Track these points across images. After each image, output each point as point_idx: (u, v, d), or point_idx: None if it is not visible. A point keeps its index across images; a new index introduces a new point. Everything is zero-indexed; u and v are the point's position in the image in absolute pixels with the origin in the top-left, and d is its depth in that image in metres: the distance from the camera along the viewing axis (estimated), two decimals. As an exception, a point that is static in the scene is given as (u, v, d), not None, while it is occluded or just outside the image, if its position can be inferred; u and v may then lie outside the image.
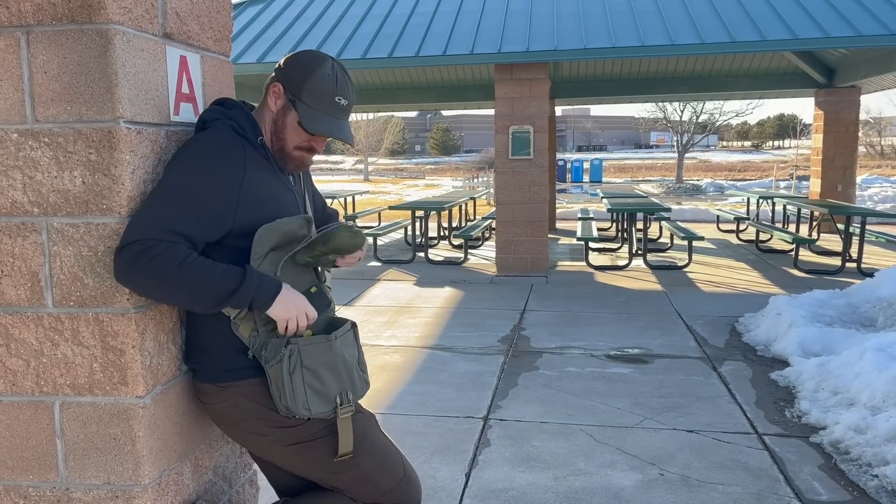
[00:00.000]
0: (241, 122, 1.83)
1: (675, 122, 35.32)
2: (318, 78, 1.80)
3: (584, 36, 8.74)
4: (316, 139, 1.87)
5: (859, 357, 4.41)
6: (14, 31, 1.67)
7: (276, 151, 1.87)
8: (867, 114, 52.47)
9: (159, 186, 1.71)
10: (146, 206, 1.68)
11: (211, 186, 1.71)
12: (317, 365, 1.78)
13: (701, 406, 4.31)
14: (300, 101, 1.81)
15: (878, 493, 3.19)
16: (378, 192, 27.71)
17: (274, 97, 1.85)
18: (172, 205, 1.67)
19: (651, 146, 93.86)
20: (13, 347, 1.77)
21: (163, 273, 1.62)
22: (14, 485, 1.82)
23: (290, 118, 1.83)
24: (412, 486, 1.94)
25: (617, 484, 3.32)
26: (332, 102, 1.83)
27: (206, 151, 1.74)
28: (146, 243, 1.62)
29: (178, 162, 1.75)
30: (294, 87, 1.81)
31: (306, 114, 1.81)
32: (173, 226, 1.65)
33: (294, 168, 1.91)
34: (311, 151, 1.89)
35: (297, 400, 1.76)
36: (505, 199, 9.02)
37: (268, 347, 1.78)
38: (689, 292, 7.79)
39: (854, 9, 8.60)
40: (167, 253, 1.63)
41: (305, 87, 1.80)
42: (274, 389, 1.78)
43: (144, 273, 1.62)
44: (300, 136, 1.85)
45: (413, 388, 4.73)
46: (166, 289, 1.66)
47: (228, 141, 1.77)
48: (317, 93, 1.80)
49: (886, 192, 20.52)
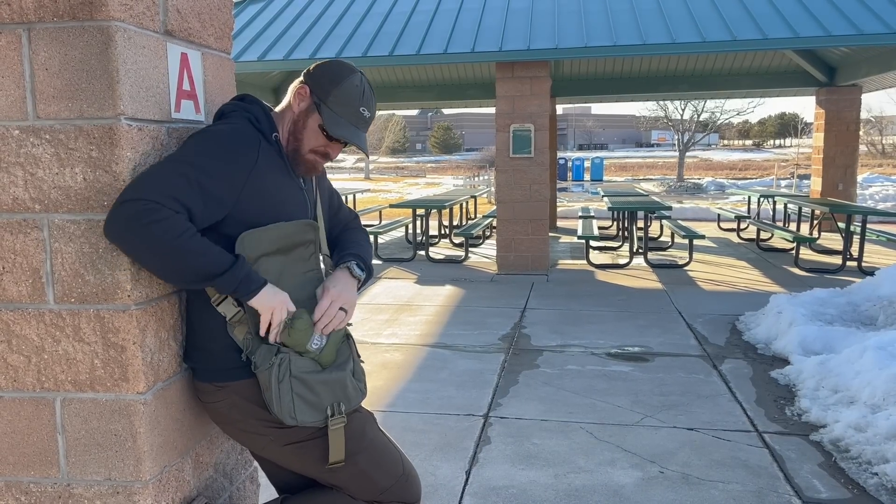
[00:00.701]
0: (258, 116, 1.85)
1: (676, 121, 35.33)
2: (347, 86, 1.84)
3: (585, 34, 8.74)
4: (333, 145, 1.88)
5: (859, 355, 4.41)
6: (16, 28, 1.67)
7: (290, 152, 1.88)
8: (868, 112, 52.41)
9: (173, 155, 1.70)
10: (155, 168, 1.66)
11: (222, 169, 1.71)
12: (306, 376, 1.78)
13: (701, 404, 4.32)
14: (325, 105, 1.83)
15: (878, 490, 3.20)
16: (379, 191, 27.71)
17: (299, 98, 1.87)
18: (183, 175, 1.66)
19: (652, 145, 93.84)
20: (14, 344, 1.77)
21: (159, 240, 1.59)
22: (15, 481, 1.82)
23: (312, 120, 1.85)
24: (411, 484, 1.95)
25: (617, 482, 3.33)
26: (356, 112, 1.85)
27: (223, 136, 1.75)
28: (149, 204, 1.59)
29: (195, 139, 1.75)
30: (322, 91, 1.84)
31: (330, 118, 1.83)
32: (180, 195, 1.64)
33: (305, 171, 1.91)
34: (325, 157, 1.90)
35: (284, 408, 1.76)
36: (506, 197, 9.02)
37: (258, 353, 1.77)
38: (690, 291, 7.79)
39: (855, 7, 8.60)
40: (169, 221, 1.60)
41: (333, 93, 1.83)
42: (264, 393, 1.78)
43: (140, 235, 1.59)
44: (318, 140, 1.86)
45: (414, 385, 4.73)
46: (156, 256, 1.62)
47: (244, 131, 1.79)
48: (343, 100, 1.83)
49: (888, 191, 20.51)
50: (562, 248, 11.33)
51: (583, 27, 8.93)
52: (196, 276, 1.67)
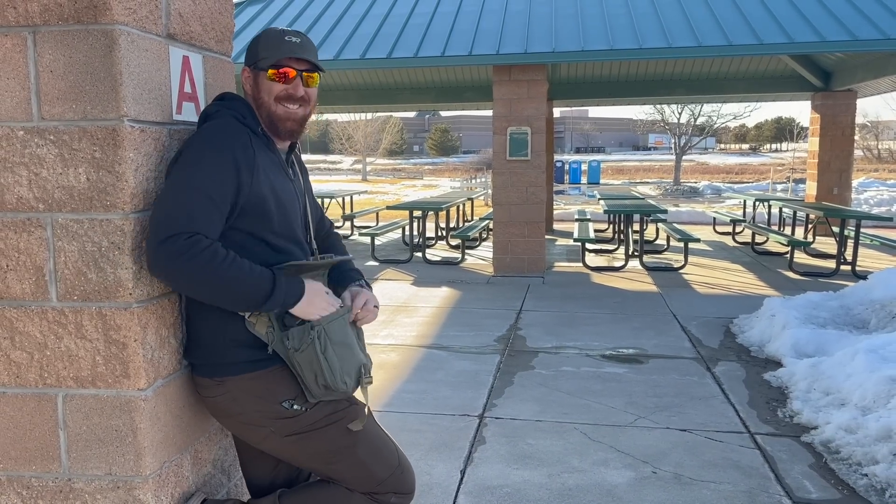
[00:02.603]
0: (242, 112, 1.89)
1: (673, 125, 35.39)
2: (265, 36, 1.91)
3: (582, 38, 8.78)
4: (290, 85, 1.89)
5: (851, 358, 4.46)
6: (21, 31, 1.71)
7: (267, 125, 1.92)
8: (865, 117, 52.59)
9: (182, 179, 1.74)
10: (177, 197, 1.71)
11: (228, 176, 1.76)
12: (340, 340, 1.86)
13: (694, 406, 4.36)
14: (259, 60, 1.89)
15: (868, 491, 3.24)
16: (376, 192, 27.74)
17: (246, 81, 1.94)
18: (206, 196, 1.72)
19: (649, 148, 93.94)
20: (17, 340, 1.80)
21: (204, 271, 1.68)
22: (17, 475, 1.85)
23: (261, 81, 1.90)
24: (407, 475, 1.99)
25: (610, 481, 3.36)
26: (284, 41, 1.89)
27: (214, 141, 1.79)
28: (191, 237, 1.67)
29: (191, 155, 1.78)
30: (252, 56, 1.91)
31: (267, 61, 1.88)
32: (209, 219, 1.72)
33: (288, 129, 1.93)
34: (290, 99, 1.90)
35: (336, 374, 1.82)
36: (502, 199, 9.06)
37: (290, 337, 1.83)
38: (685, 293, 7.84)
39: (850, 13, 8.66)
40: (209, 250, 1.68)
41: (259, 50, 1.90)
42: (307, 373, 1.83)
43: (187, 269, 1.67)
44: (274, 88, 1.89)
45: (410, 386, 4.77)
46: (205, 287, 1.72)
47: (233, 128, 1.83)
48: (268, 45, 1.89)
49: (882, 196, 20.59)
50: (558, 251, 11.37)
51: (580, 31, 8.98)
52: (247, 303, 1.76)
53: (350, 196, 15.11)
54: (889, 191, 23.57)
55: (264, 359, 1.84)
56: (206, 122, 1.88)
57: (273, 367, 1.85)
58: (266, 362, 1.84)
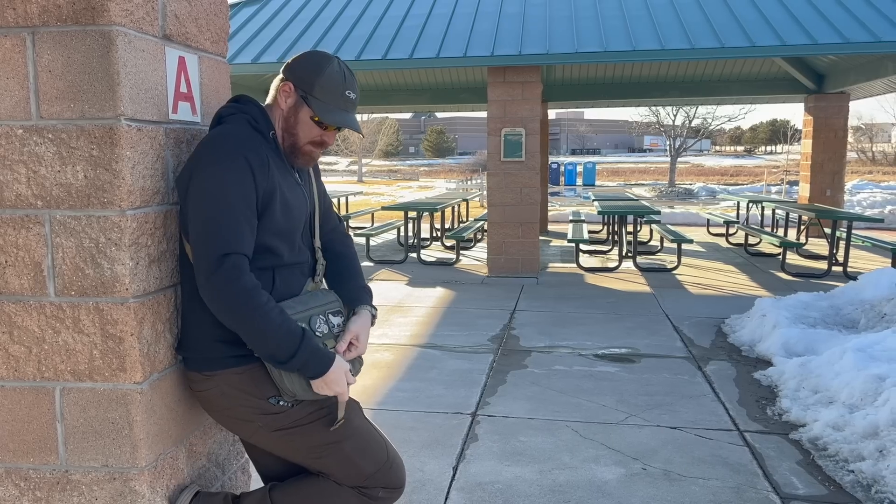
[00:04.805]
0: (255, 117, 1.92)
1: (668, 127, 35.53)
2: (328, 75, 1.90)
3: (576, 40, 8.84)
4: (328, 133, 1.95)
5: (840, 357, 4.51)
6: (20, 32, 1.74)
7: (286, 147, 1.95)
8: (859, 120, 52.87)
9: (211, 197, 1.77)
10: (218, 221, 1.76)
11: (247, 185, 1.79)
12: None
13: (685, 404, 4.41)
14: (312, 96, 1.90)
15: (854, 487, 3.29)
16: (372, 194, 27.77)
17: (284, 95, 1.93)
18: (241, 215, 1.79)
19: (644, 150, 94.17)
20: (16, 335, 1.84)
21: (241, 305, 1.75)
22: (15, 467, 1.89)
23: (303, 114, 1.91)
24: (395, 470, 2.01)
25: (601, 477, 3.41)
26: (342, 96, 1.92)
27: (226, 148, 1.81)
28: (236, 259, 1.75)
29: (211, 171, 1.79)
30: (306, 84, 1.90)
31: (320, 108, 1.90)
32: (248, 240, 1.80)
33: (303, 163, 1.99)
34: (321, 146, 1.97)
35: (296, 385, 1.85)
36: (497, 200, 9.10)
37: None
38: (677, 294, 7.89)
39: (842, 16, 8.73)
40: (252, 285, 1.76)
41: (317, 84, 1.89)
42: (275, 375, 1.85)
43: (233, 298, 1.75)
44: (313, 131, 1.93)
45: (403, 384, 4.80)
46: (240, 322, 1.78)
47: (249, 136, 1.86)
48: (328, 88, 1.90)
49: (875, 198, 20.69)
50: (552, 252, 11.42)
51: (574, 33, 9.03)
52: (275, 356, 1.80)
53: (346, 197, 15.14)
54: (882, 193, 23.70)
55: (249, 353, 1.86)
56: (219, 125, 1.91)
57: (258, 363, 1.87)
58: (251, 357, 1.87)
